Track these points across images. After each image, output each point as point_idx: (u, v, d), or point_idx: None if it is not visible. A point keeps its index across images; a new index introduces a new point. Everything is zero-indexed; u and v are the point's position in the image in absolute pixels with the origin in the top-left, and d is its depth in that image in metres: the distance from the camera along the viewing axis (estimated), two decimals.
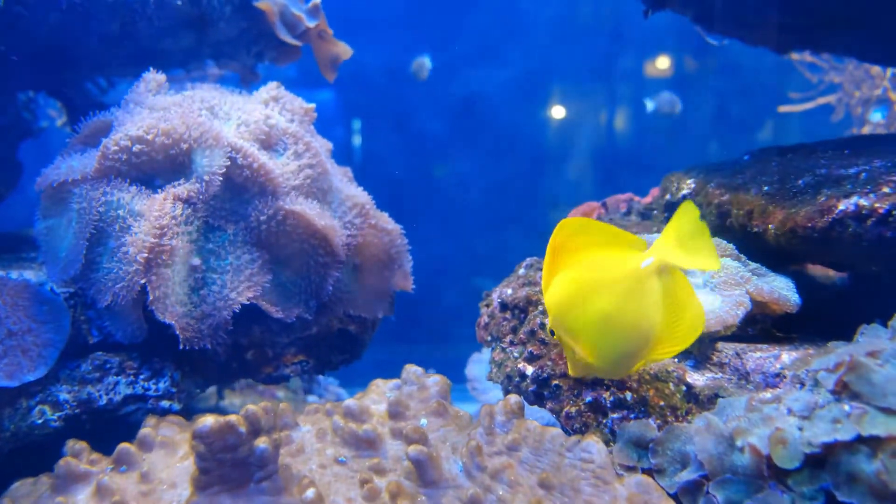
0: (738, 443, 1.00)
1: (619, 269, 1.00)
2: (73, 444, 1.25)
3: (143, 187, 1.45)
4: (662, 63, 5.04)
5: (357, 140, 5.12)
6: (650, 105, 4.08)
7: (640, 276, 0.98)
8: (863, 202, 1.15)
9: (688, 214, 0.97)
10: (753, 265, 1.31)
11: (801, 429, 0.96)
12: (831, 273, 1.59)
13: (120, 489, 1.13)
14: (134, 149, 1.44)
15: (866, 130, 3.77)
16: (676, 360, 1.22)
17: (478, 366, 2.66)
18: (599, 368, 1.07)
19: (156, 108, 1.54)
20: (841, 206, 1.17)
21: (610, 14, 5.14)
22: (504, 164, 5.12)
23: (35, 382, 1.36)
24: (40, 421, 1.36)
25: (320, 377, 3.10)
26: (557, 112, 5.18)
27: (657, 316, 0.99)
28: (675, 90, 5.08)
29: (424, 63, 4.34)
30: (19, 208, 2.26)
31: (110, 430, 1.41)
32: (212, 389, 2.37)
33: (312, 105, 1.76)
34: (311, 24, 2.10)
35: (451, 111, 5.12)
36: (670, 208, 1.75)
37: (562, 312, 1.07)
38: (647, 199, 2.10)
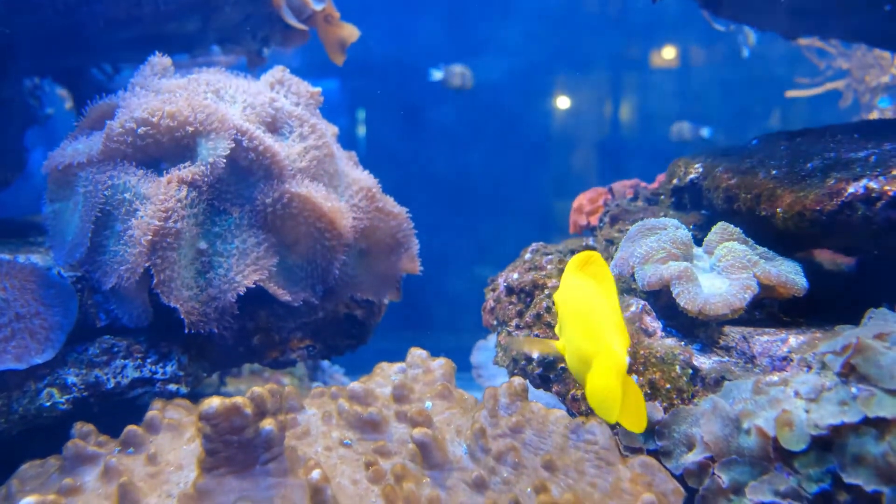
0: (745, 425, 1.00)
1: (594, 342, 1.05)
2: (80, 427, 1.26)
3: (150, 170, 1.45)
4: (668, 52, 5.01)
5: (361, 128, 5.12)
6: (745, 50, 4.03)
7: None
8: (872, 185, 1.14)
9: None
10: (761, 249, 1.30)
11: (807, 411, 0.96)
12: (838, 258, 1.58)
13: (127, 470, 1.13)
14: (139, 131, 1.43)
15: (874, 117, 3.74)
16: (683, 343, 1.22)
17: (483, 353, 2.66)
18: None
19: (161, 92, 1.54)
20: (850, 189, 1.16)
21: (616, 2, 5.10)
22: (509, 151, 5.11)
23: (43, 365, 1.36)
24: (48, 403, 1.37)
25: (325, 364, 3.11)
26: (562, 100, 5.16)
27: None
28: (680, 80, 5.06)
29: (466, 73, 4.11)
30: (26, 194, 2.27)
31: (118, 412, 1.42)
32: (216, 375, 2.38)
33: (318, 89, 1.75)
34: (317, 7, 2.09)
35: (456, 99, 5.10)
36: (678, 193, 1.74)
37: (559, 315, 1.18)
38: (654, 185, 2.09)
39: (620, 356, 0.98)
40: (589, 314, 1.07)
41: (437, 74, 4.11)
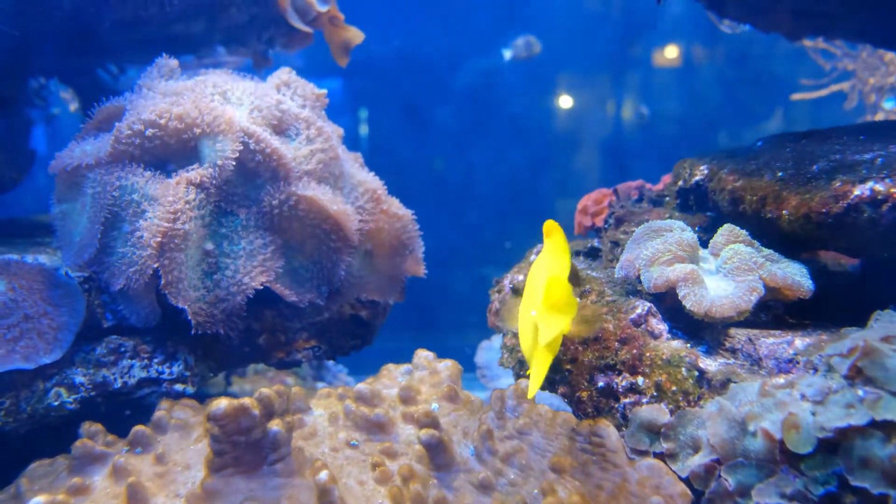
0: (751, 427, 1.00)
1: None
2: (88, 427, 1.27)
3: (157, 172, 1.45)
4: (671, 52, 5.00)
5: (364, 129, 5.12)
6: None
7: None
8: (878, 187, 1.14)
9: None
10: (767, 251, 1.30)
11: (814, 414, 0.96)
12: (843, 260, 1.58)
13: (136, 470, 1.14)
14: (147, 133, 1.44)
15: (880, 118, 3.73)
16: (689, 345, 1.22)
17: (487, 353, 2.66)
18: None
19: (168, 93, 1.54)
20: (856, 192, 1.16)
21: (619, 3, 5.10)
22: (512, 152, 5.11)
23: (51, 365, 1.37)
24: (56, 403, 1.37)
25: (329, 363, 3.11)
26: (566, 101, 5.16)
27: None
28: (684, 79, 5.06)
29: (530, 40, 4.20)
30: (29, 195, 2.28)
31: (125, 412, 1.42)
32: (221, 375, 2.39)
33: (324, 90, 1.76)
34: (322, 9, 2.09)
35: (459, 100, 5.11)
36: (683, 195, 1.74)
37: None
38: (659, 186, 2.10)
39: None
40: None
41: (507, 53, 4.17)
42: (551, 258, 1.15)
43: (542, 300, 1.02)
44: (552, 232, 1.20)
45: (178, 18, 1.88)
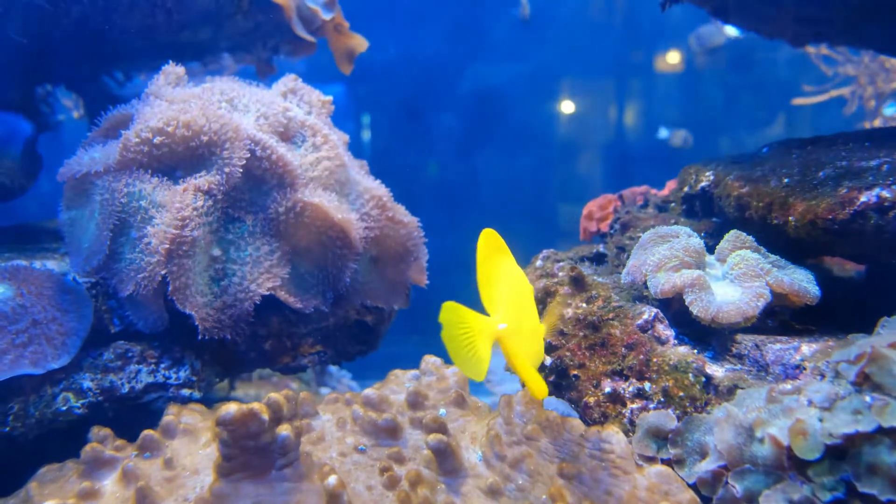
0: (759, 434, 1.00)
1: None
2: (97, 431, 1.27)
3: (165, 179, 1.46)
4: (674, 58, 5.02)
5: (367, 134, 5.13)
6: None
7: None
8: (885, 194, 1.14)
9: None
10: (773, 257, 1.30)
11: (821, 420, 0.96)
12: (849, 266, 1.58)
13: (145, 475, 1.14)
14: (155, 140, 1.45)
15: (878, 123, 3.74)
16: (696, 351, 1.22)
17: (493, 358, 2.66)
18: None
19: (175, 101, 1.55)
20: (863, 198, 1.16)
21: (622, 9, 5.12)
22: (517, 157, 5.12)
23: (59, 370, 1.38)
24: (64, 408, 1.38)
25: (332, 368, 3.12)
26: (569, 106, 5.17)
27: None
28: (686, 84, 5.08)
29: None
30: (33, 200, 2.29)
31: (132, 417, 1.43)
32: (227, 380, 2.39)
33: (330, 97, 1.77)
34: (326, 17, 2.11)
35: (463, 105, 5.12)
36: (689, 201, 1.75)
37: None
38: (664, 192, 2.10)
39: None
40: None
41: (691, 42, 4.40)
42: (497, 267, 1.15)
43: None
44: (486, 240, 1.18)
45: (185, 26, 1.89)
